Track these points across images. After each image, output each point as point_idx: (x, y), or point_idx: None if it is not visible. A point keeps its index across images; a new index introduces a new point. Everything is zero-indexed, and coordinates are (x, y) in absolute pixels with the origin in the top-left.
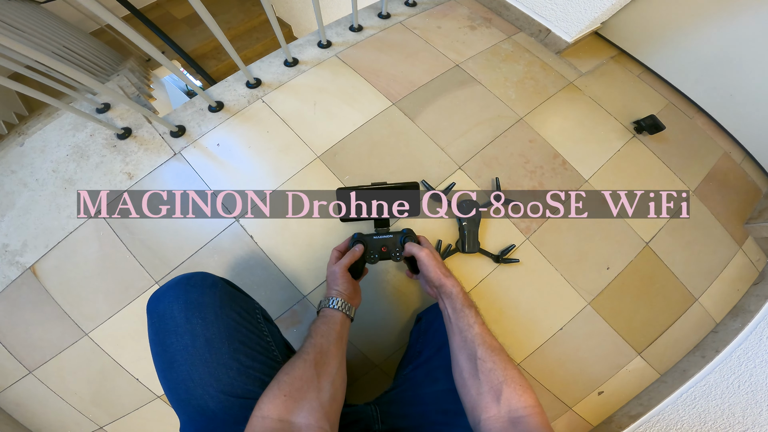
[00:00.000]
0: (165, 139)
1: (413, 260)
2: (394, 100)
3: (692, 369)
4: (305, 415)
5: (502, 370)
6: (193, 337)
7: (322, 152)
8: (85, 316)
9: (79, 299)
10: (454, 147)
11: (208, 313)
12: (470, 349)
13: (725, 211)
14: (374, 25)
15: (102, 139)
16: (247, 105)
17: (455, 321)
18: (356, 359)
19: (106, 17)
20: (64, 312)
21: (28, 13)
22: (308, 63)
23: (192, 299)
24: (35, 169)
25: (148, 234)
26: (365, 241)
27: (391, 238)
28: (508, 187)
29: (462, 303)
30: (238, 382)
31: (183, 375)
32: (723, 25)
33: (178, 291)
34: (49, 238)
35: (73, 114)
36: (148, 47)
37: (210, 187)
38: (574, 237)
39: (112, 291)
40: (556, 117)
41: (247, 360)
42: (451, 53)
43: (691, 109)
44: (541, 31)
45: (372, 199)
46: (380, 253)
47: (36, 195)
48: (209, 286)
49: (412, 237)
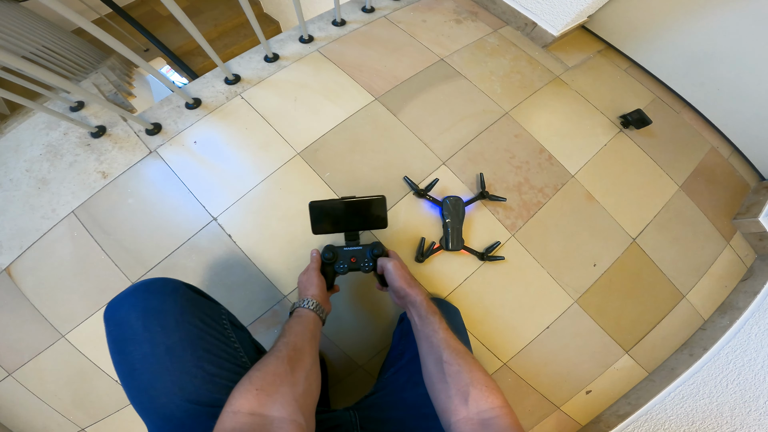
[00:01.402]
0: (140, 137)
1: (382, 274)
2: (377, 95)
3: (680, 367)
4: (278, 408)
5: (468, 372)
6: (153, 345)
7: (302, 149)
8: (62, 317)
9: (55, 301)
10: (438, 142)
11: (168, 321)
12: (436, 354)
13: (713, 206)
14: (358, 19)
15: (76, 137)
16: (225, 101)
17: (421, 328)
18: (340, 360)
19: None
20: (40, 314)
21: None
22: (289, 58)
23: (151, 306)
24: (9, 168)
25: (124, 234)
26: (336, 252)
27: (361, 249)
28: (493, 182)
29: (426, 310)
30: (204, 391)
31: (145, 383)
32: (710, 20)
33: (135, 298)
34: (24, 239)
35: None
36: (121, 48)
37: (187, 186)
38: (560, 233)
39: (88, 292)
40: (542, 111)
41: (213, 368)
42: (436, 47)
43: (678, 104)
44: (527, 24)
45: (342, 212)
46: (350, 264)
47: (10, 195)
48: (169, 293)
49: (380, 249)
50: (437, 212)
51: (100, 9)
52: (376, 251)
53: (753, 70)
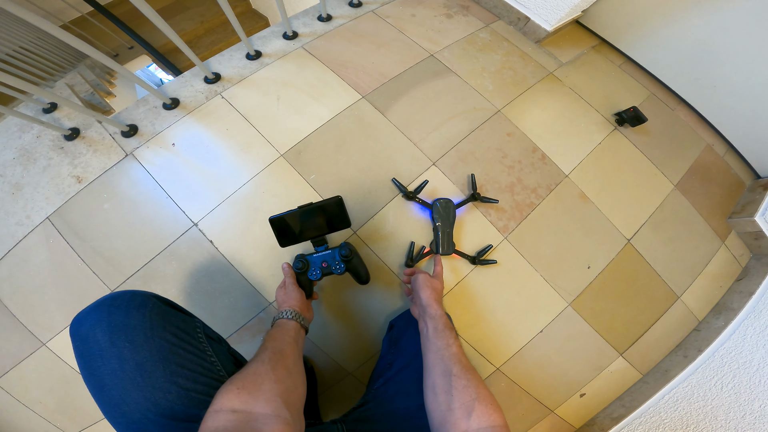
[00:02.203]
0: (116, 139)
1: (356, 272)
2: (364, 93)
3: (674, 369)
4: (262, 404)
5: (475, 388)
6: (121, 361)
7: (285, 150)
8: (41, 326)
9: (33, 309)
10: (428, 142)
11: (136, 336)
12: (446, 366)
13: (708, 205)
14: (344, 14)
15: (49, 140)
16: (204, 101)
17: (434, 339)
18: (329, 367)
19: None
20: (19, 322)
21: None
22: (272, 55)
23: (116, 321)
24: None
25: (101, 240)
26: (305, 260)
27: (330, 253)
28: (485, 183)
29: (444, 325)
30: (179, 406)
31: (116, 399)
32: (706, 15)
33: (100, 313)
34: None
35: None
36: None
37: (165, 190)
38: (553, 235)
39: (66, 300)
40: (535, 109)
41: (188, 383)
42: (425, 43)
43: (673, 101)
44: (520, 19)
45: (302, 220)
46: (322, 269)
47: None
48: (137, 307)
49: (347, 248)
50: (427, 215)
51: (82, 7)
52: (344, 252)
53: (749, 66)
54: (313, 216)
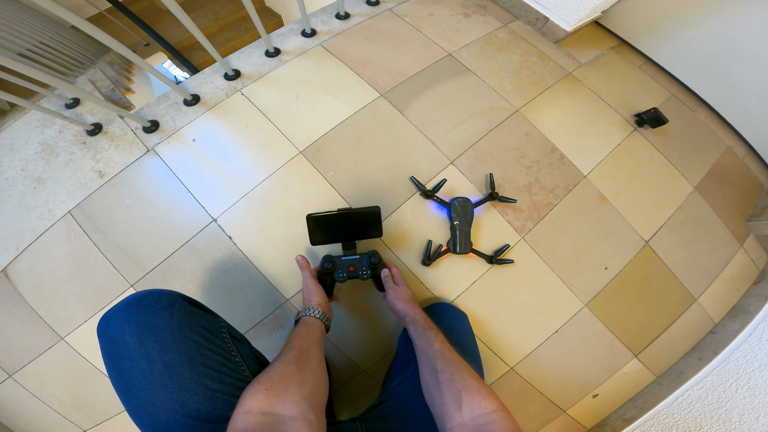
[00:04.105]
0: (137, 134)
1: (380, 279)
2: (382, 91)
3: (689, 371)
4: (289, 407)
5: (460, 379)
6: (150, 362)
7: (304, 147)
8: (60, 320)
9: (53, 303)
10: (446, 141)
11: (164, 337)
12: (431, 364)
13: (727, 207)
14: (362, 12)
15: (71, 135)
16: (225, 98)
17: (418, 341)
18: (343, 364)
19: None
20: (39, 316)
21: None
22: (291, 53)
23: (145, 322)
24: (4, 167)
25: (121, 235)
26: (334, 261)
27: (358, 258)
28: (502, 183)
29: (423, 327)
30: (205, 407)
31: (144, 400)
32: (729, 16)
33: (129, 313)
34: (20, 240)
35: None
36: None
37: (186, 185)
38: (571, 236)
39: (86, 294)
40: (553, 109)
41: (214, 384)
42: (443, 42)
43: (694, 102)
44: (538, 19)
45: (338, 223)
46: (348, 272)
47: (5, 195)
48: (164, 307)
49: (376, 258)
50: (445, 214)
51: (99, 3)
52: (373, 260)
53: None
54: (349, 221)
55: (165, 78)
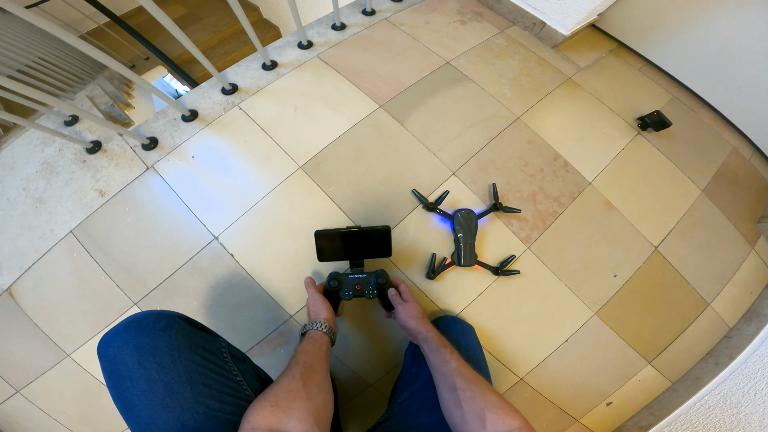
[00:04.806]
0: (136, 152)
1: (386, 298)
2: (381, 103)
3: (705, 377)
4: (295, 423)
5: (482, 397)
6: (150, 382)
7: (304, 162)
8: (66, 337)
9: (58, 321)
10: (447, 151)
11: (163, 357)
12: (449, 382)
13: (736, 210)
14: (358, 22)
15: (71, 154)
16: (223, 113)
17: (433, 360)
18: (349, 379)
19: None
20: (44, 333)
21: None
22: (288, 65)
23: (143, 343)
24: (5, 187)
25: (123, 254)
26: (340, 279)
27: (365, 277)
28: (506, 193)
29: (437, 344)
30: (206, 427)
31: (146, 419)
32: (728, 17)
33: (127, 335)
34: (23, 259)
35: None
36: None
37: (186, 203)
38: (578, 244)
39: (90, 312)
40: (555, 115)
41: (215, 403)
42: (441, 50)
43: (697, 104)
44: (535, 24)
45: (347, 241)
46: (354, 291)
47: (7, 215)
48: (163, 329)
49: (384, 278)
50: (448, 226)
51: (98, 18)
52: (381, 280)
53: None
54: (358, 239)
55: (162, 93)
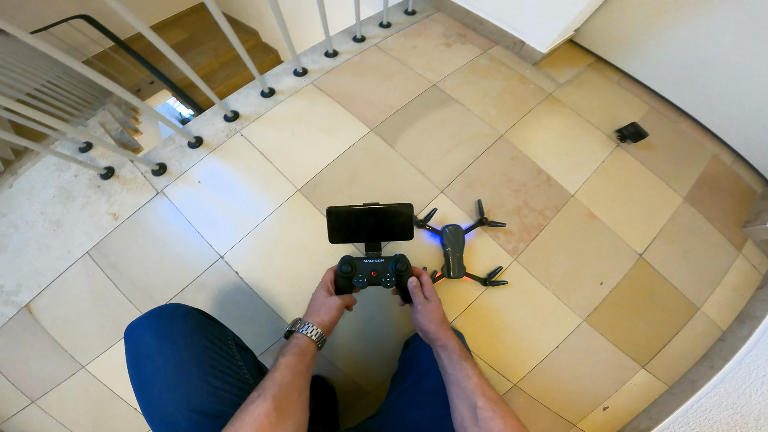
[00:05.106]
0: (147, 177)
1: (405, 288)
2: (372, 126)
3: (701, 379)
4: None
5: (502, 419)
6: (165, 360)
7: (302, 185)
8: (81, 350)
9: (73, 335)
10: (435, 171)
11: (178, 340)
12: (470, 399)
13: (720, 215)
14: (349, 49)
15: (86, 179)
16: (225, 139)
17: (452, 371)
18: (348, 386)
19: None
20: (60, 346)
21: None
22: (285, 92)
23: (163, 328)
24: (24, 211)
25: (136, 272)
26: (354, 264)
27: (382, 262)
28: (492, 208)
29: (459, 356)
30: (208, 402)
31: (155, 394)
32: (694, 26)
33: (150, 321)
34: (42, 278)
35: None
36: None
37: (194, 225)
38: (563, 254)
39: (104, 326)
40: (537, 131)
41: (217, 382)
42: (428, 73)
43: (674, 113)
44: (516, 43)
45: (363, 220)
46: (369, 278)
47: (26, 237)
48: (180, 317)
49: (404, 263)
50: (438, 241)
51: (104, 42)
52: (399, 266)
53: (744, 73)
54: (377, 218)
55: (169, 121)
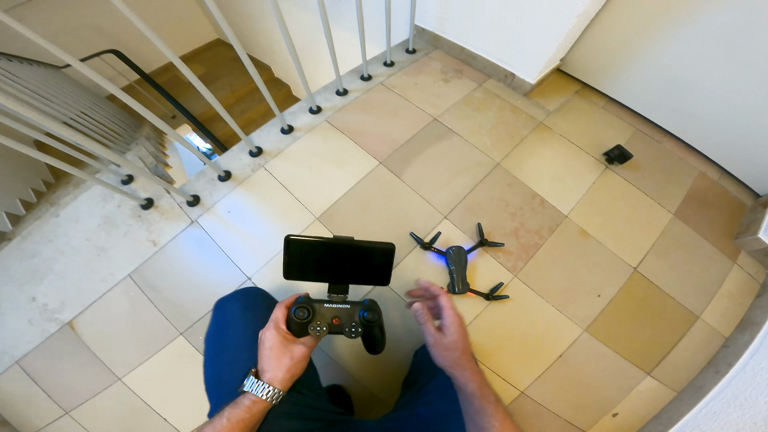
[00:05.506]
0: (182, 208)
1: (371, 340)
2: (381, 159)
3: (708, 384)
4: None
5: None
6: (245, 328)
7: (320, 213)
8: (118, 363)
9: (112, 349)
10: (438, 198)
11: (258, 313)
12: None
13: (711, 229)
14: (358, 87)
15: (128, 209)
16: (251, 173)
17: (472, 415)
18: (363, 394)
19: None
20: (98, 359)
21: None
22: (302, 129)
23: (249, 301)
24: (70, 238)
25: (172, 292)
26: (312, 307)
27: (348, 309)
28: (491, 230)
29: (480, 400)
30: None
31: (229, 357)
32: (665, 47)
33: (239, 296)
34: (85, 298)
35: (102, 186)
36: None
37: (224, 250)
38: (560, 270)
39: (141, 341)
40: (530, 158)
41: None
42: (428, 108)
43: (659, 134)
44: (507, 76)
45: (330, 256)
46: (330, 326)
47: (71, 261)
48: (261, 295)
49: (375, 312)
50: (443, 262)
51: (130, 75)
52: (369, 315)
53: (718, 91)
54: (348, 255)
55: (203, 155)
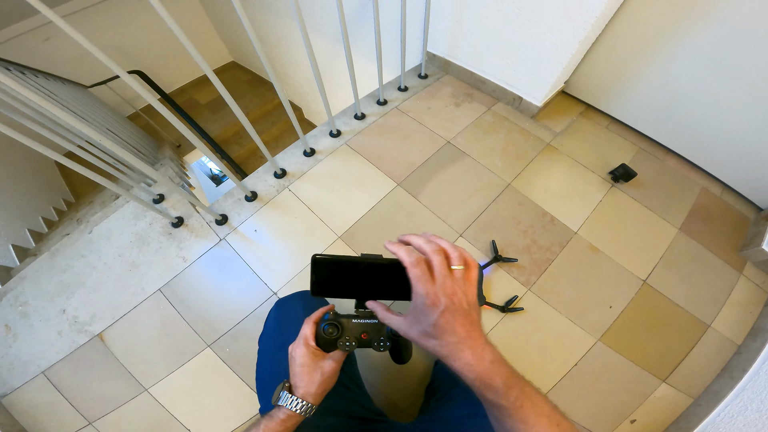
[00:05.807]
0: (211, 226)
1: (398, 352)
2: (399, 181)
3: (724, 390)
4: None
5: None
6: None
7: (342, 233)
8: (146, 374)
9: (140, 361)
10: (453, 217)
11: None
12: None
13: (716, 242)
14: (374, 111)
15: (159, 227)
16: (276, 194)
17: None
18: (386, 404)
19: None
20: (126, 370)
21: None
22: (323, 152)
23: (311, 301)
24: (102, 254)
25: (201, 305)
26: (341, 324)
27: (375, 324)
28: (504, 247)
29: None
30: None
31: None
32: (662, 67)
33: (300, 296)
34: (116, 311)
35: (135, 204)
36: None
37: (251, 267)
38: (572, 283)
39: (169, 353)
40: (539, 178)
41: None
42: (441, 131)
43: (661, 151)
44: (515, 99)
45: (357, 274)
46: (359, 340)
47: (104, 276)
48: (319, 300)
49: None
50: None
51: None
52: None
53: (715, 107)
54: (376, 274)
55: (233, 176)
